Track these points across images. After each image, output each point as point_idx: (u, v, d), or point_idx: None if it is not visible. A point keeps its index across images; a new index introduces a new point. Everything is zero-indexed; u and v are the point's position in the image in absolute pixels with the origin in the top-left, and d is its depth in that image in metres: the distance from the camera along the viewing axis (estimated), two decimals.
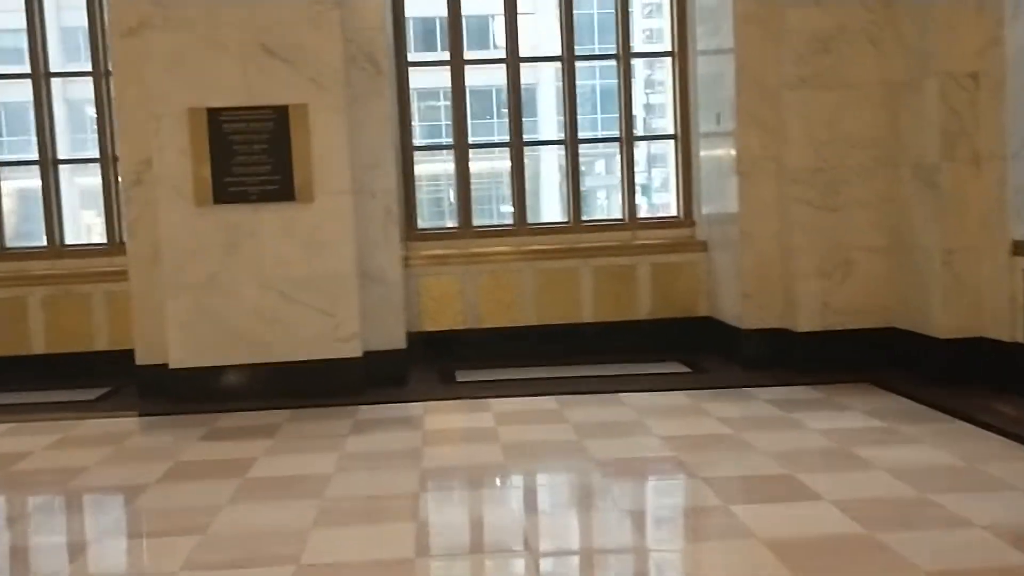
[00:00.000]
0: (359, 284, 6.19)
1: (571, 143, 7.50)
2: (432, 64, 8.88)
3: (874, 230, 6.26)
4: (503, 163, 7.72)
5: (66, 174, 7.86)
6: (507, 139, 7.50)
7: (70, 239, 7.37)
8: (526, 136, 7.57)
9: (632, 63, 7.58)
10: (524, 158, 7.51)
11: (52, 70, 7.37)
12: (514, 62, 7.41)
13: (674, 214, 7.53)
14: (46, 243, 7.23)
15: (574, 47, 7.48)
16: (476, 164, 7.55)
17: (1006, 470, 4.16)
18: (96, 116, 7.26)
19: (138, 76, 6.06)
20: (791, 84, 6.24)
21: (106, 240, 7.29)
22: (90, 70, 7.22)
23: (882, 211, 6.24)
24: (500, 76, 7.47)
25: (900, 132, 6.12)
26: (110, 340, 7.00)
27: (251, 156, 6.00)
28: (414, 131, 7.49)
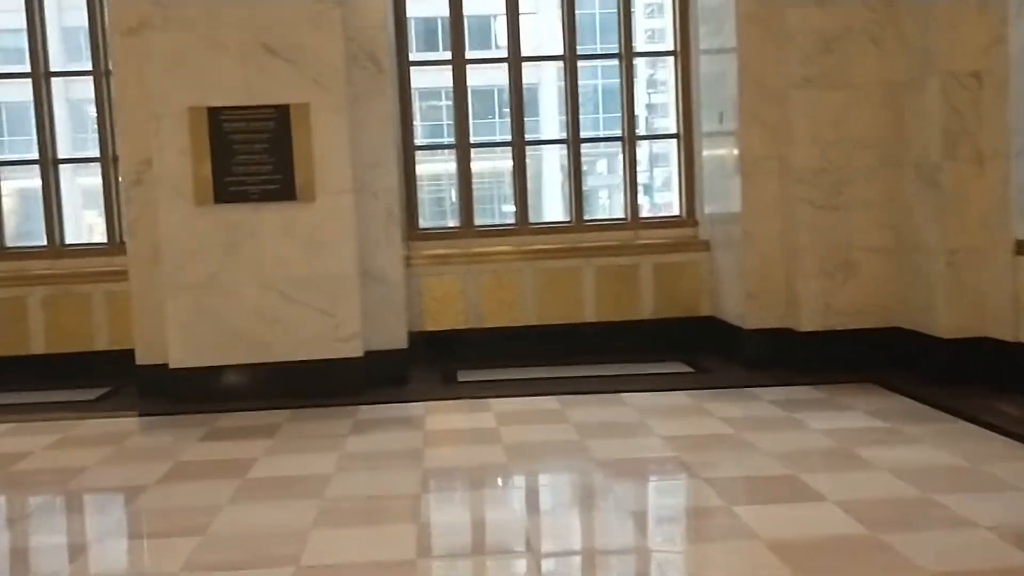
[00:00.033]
0: (360, 284, 6.17)
1: (573, 142, 7.48)
2: (434, 63, 8.85)
3: (877, 230, 6.24)
4: (505, 162, 7.70)
5: (68, 174, 7.86)
6: (509, 138, 7.48)
7: (71, 239, 7.37)
8: (528, 136, 7.55)
9: (634, 62, 7.56)
10: (526, 157, 7.50)
11: (53, 70, 7.36)
12: (516, 61, 7.40)
13: (676, 214, 7.52)
14: (46, 243, 7.22)
15: (576, 46, 7.47)
16: (478, 164, 7.54)
17: (1009, 470, 4.14)
18: (96, 116, 7.25)
19: (138, 76, 6.05)
20: (794, 84, 6.22)
21: (106, 240, 7.28)
22: (90, 70, 7.21)
23: (885, 211, 6.22)
24: (502, 75, 7.45)
25: (903, 132, 6.10)
26: (110, 340, 6.99)
27: (252, 156, 5.98)
28: (416, 131, 7.47)
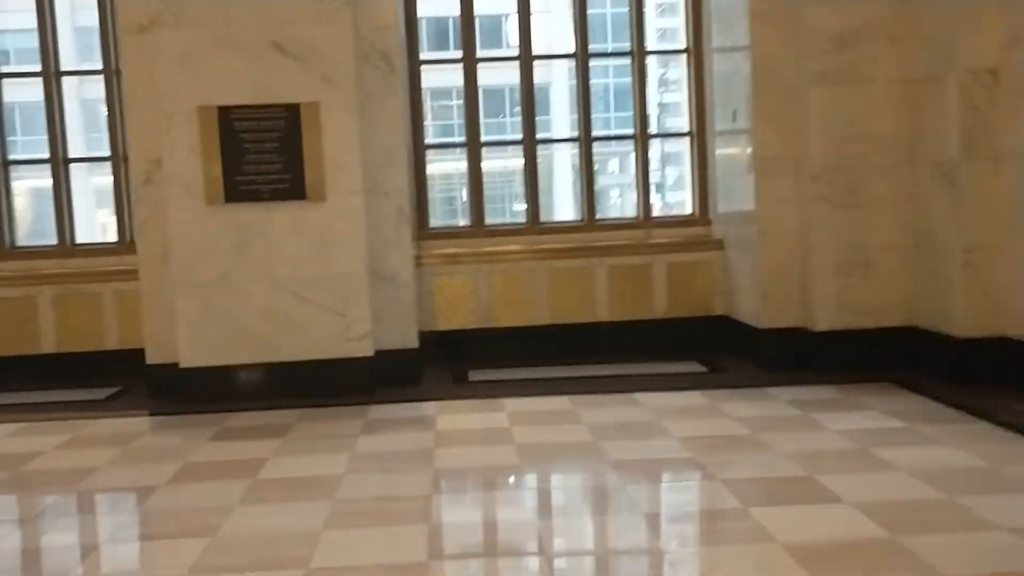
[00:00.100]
0: (371, 283, 6.14)
1: (585, 141, 7.43)
2: (445, 62, 8.81)
3: (893, 229, 6.18)
4: (516, 161, 7.66)
5: (82, 173, 7.84)
6: (520, 137, 7.44)
7: (83, 238, 7.34)
8: (539, 134, 7.51)
9: (646, 61, 7.51)
10: (537, 157, 7.46)
11: (67, 69, 7.35)
12: (527, 60, 7.35)
13: (690, 212, 7.47)
14: (56, 242, 7.21)
15: (587, 45, 7.42)
16: (489, 163, 7.50)
17: None
18: (107, 115, 7.23)
19: (148, 74, 6.02)
20: (808, 81, 6.15)
21: (117, 239, 7.25)
22: (101, 69, 7.19)
23: (901, 209, 6.15)
24: (513, 74, 7.39)
25: (919, 129, 6.03)
26: (120, 339, 6.96)
27: (262, 155, 5.95)
28: (426, 130, 7.43)
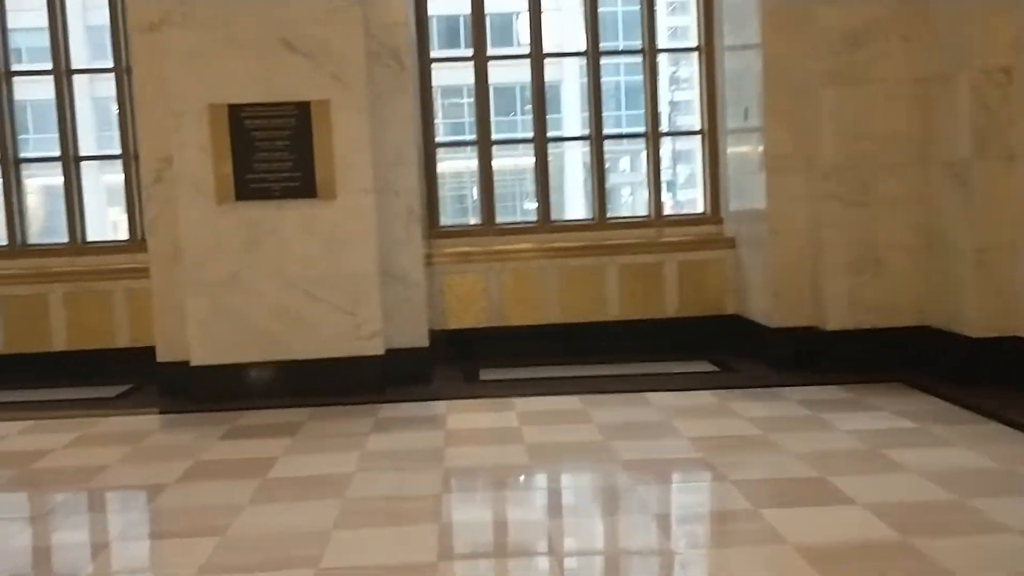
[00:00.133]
0: (381, 282, 6.13)
1: (596, 139, 7.42)
2: (455, 60, 8.80)
3: (905, 227, 6.15)
4: (527, 160, 7.65)
5: (93, 171, 7.85)
6: (531, 135, 7.42)
7: (94, 236, 7.35)
8: (550, 133, 7.49)
9: (657, 59, 7.49)
10: (548, 155, 7.45)
11: (78, 67, 7.37)
12: (538, 58, 7.33)
13: (701, 211, 7.44)
14: (68, 240, 7.22)
15: (599, 43, 7.40)
16: (499, 161, 7.49)
17: None
18: (118, 113, 7.24)
19: (158, 73, 6.02)
20: (820, 80, 6.13)
21: (128, 237, 7.26)
22: (112, 67, 7.20)
23: (913, 208, 6.12)
24: (524, 72, 7.37)
25: (931, 128, 6.00)
26: (131, 337, 6.97)
27: (273, 153, 5.95)
28: (437, 128, 7.43)
